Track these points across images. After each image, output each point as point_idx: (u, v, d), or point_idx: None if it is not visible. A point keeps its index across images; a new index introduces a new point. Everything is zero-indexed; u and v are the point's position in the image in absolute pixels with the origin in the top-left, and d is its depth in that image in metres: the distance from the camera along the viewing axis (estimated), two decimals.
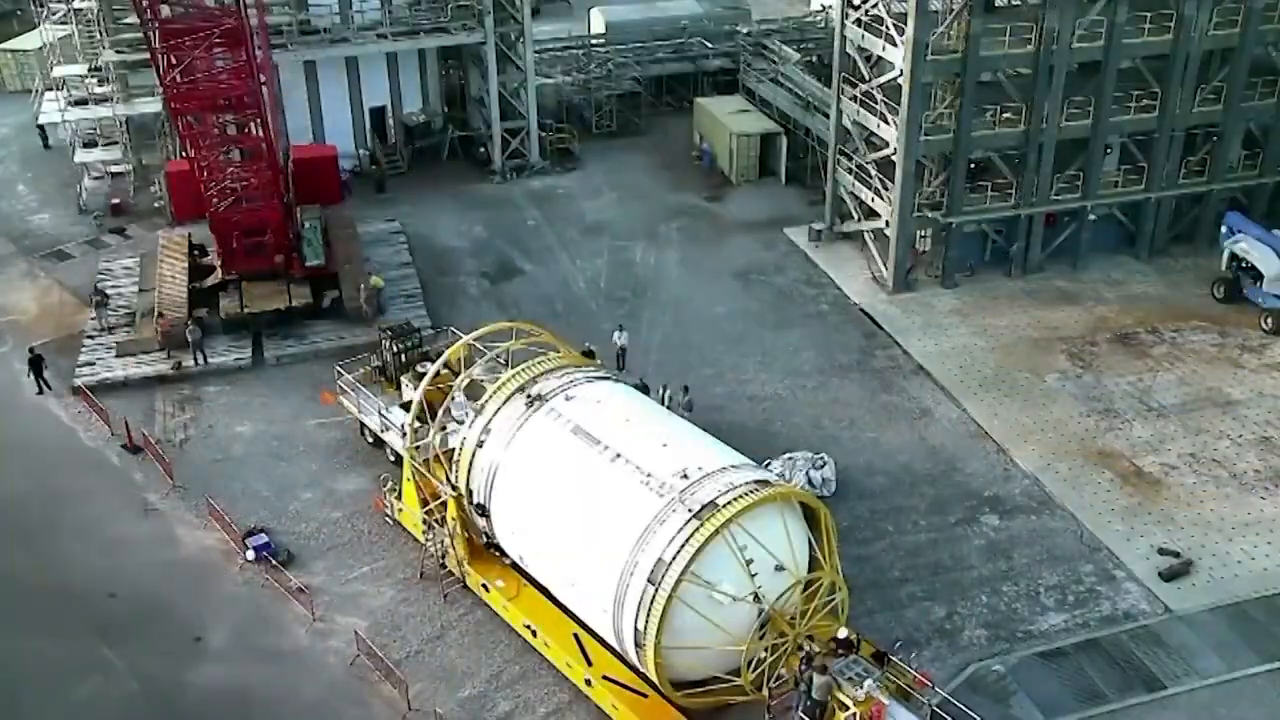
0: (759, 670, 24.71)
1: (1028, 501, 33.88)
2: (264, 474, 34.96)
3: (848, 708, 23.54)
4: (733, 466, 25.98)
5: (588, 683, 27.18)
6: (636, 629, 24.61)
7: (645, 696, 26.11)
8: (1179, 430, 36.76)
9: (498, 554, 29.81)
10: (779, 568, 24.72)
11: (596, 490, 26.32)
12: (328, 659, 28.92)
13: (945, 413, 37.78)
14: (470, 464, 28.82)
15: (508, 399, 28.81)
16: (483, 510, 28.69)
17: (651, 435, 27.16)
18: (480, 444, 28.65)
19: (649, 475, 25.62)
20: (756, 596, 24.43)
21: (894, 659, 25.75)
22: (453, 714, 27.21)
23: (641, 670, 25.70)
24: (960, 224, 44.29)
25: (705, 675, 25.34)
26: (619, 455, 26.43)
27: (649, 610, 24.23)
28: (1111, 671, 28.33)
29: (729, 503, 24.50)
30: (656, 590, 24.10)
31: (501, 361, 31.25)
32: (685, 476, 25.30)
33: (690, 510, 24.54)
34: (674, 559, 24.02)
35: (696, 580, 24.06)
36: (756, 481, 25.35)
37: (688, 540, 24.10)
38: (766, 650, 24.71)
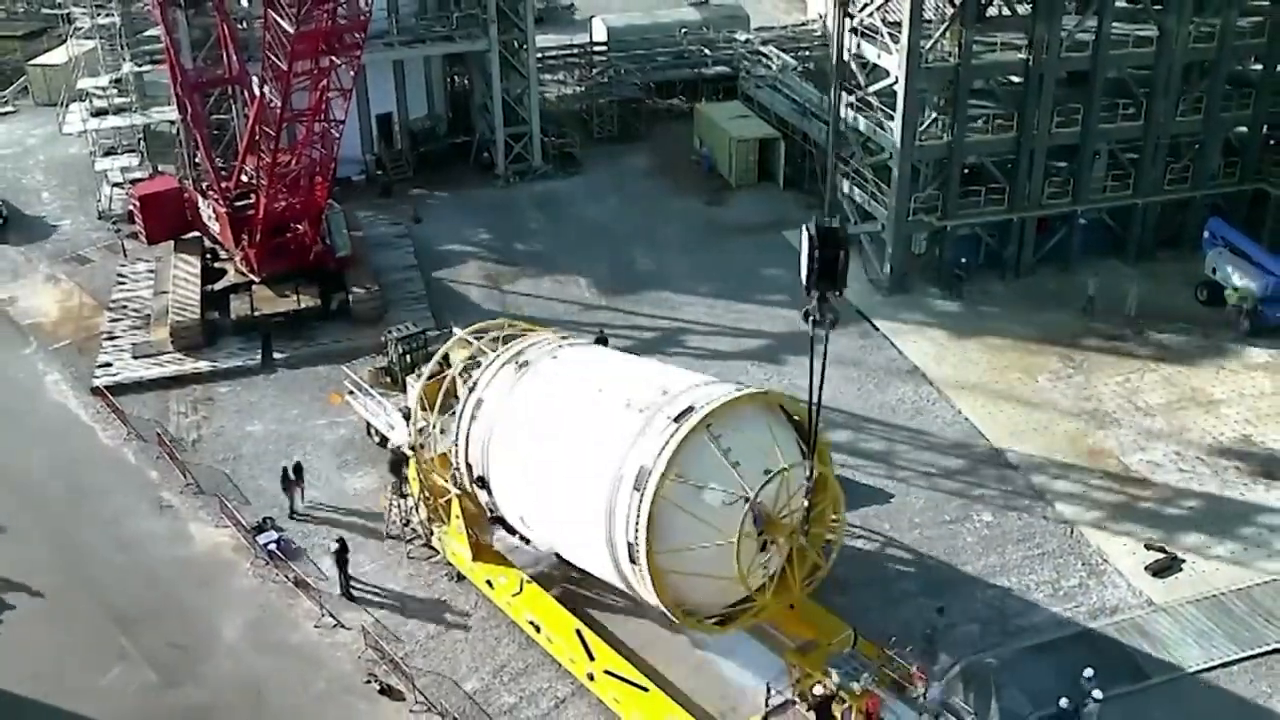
0: (753, 569, 24.20)
1: (1020, 499, 34.54)
2: (274, 473, 35.54)
3: (845, 701, 24.01)
4: (713, 382, 26.11)
5: (590, 677, 27.57)
6: (630, 544, 24.24)
7: (646, 691, 26.55)
8: (1164, 429, 37.51)
9: (503, 528, 30.16)
10: (765, 467, 24.25)
11: (582, 423, 26.51)
12: (336, 653, 29.55)
13: (940, 412, 38.46)
14: (467, 439, 29.11)
15: (497, 372, 29.20)
16: (483, 482, 28.90)
17: (636, 374, 27.40)
18: (474, 418, 28.98)
19: (630, 399, 25.70)
20: (743, 489, 23.89)
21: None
22: (458, 707, 27.71)
23: (645, 598, 25.17)
24: (954, 227, 45.12)
25: (705, 591, 24.64)
26: (601, 390, 26.78)
27: (638, 517, 23.90)
28: (1099, 663, 28.60)
29: (707, 403, 24.52)
30: (642, 496, 23.91)
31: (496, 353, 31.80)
32: (665, 393, 25.34)
33: (669, 417, 24.48)
34: (656, 462, 23.92)
35: (680, 480, 23.83)
36: (737, 391, 25.43)
37: (668, 443, 24.05)
38: (761, 548, 24.17)
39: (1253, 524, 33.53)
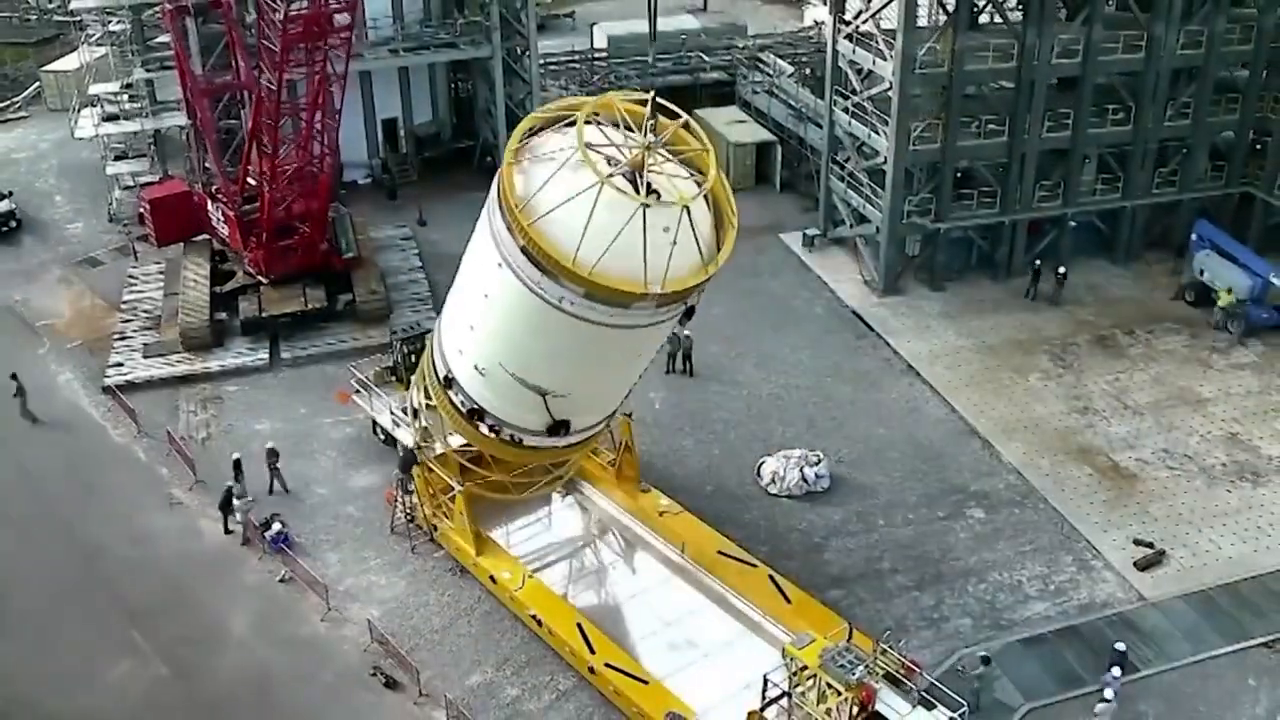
0: (613, 178, 23.52)
1: (1011, 495, 35.16)
2: (281, 470, 35.97)
3: (840, 693, 24.21)
4: None
5: (591, 670, 28.08)
6: (507, 226, 24.39)
7: (646, 683, 27.12)
8: (1153, 427, 38.17)
9: (479, 421, 29.31)
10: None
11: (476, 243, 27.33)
12: (342, 646, 30.05)
13: (934, 411, 39.08)
14: (432, 361, 29.68)
15: None
16: (450, 381, 28.97)
17: None
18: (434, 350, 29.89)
19: None
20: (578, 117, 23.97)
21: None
22: (462, 699, 28.15)
23: (553, 288, 24.31)
24: (947, 230, 45.77)
25: (582, 223, 23.62)
26: None
27: (499, 194, 24.35)
28: (1089, 656, 29.48)
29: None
30: (499, 182, 24.54)
31: None
32: None
33: None
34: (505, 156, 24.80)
35: (526, 154, 24.57)
36: None
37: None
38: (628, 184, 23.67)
39: (1239, 520, 34.19)
